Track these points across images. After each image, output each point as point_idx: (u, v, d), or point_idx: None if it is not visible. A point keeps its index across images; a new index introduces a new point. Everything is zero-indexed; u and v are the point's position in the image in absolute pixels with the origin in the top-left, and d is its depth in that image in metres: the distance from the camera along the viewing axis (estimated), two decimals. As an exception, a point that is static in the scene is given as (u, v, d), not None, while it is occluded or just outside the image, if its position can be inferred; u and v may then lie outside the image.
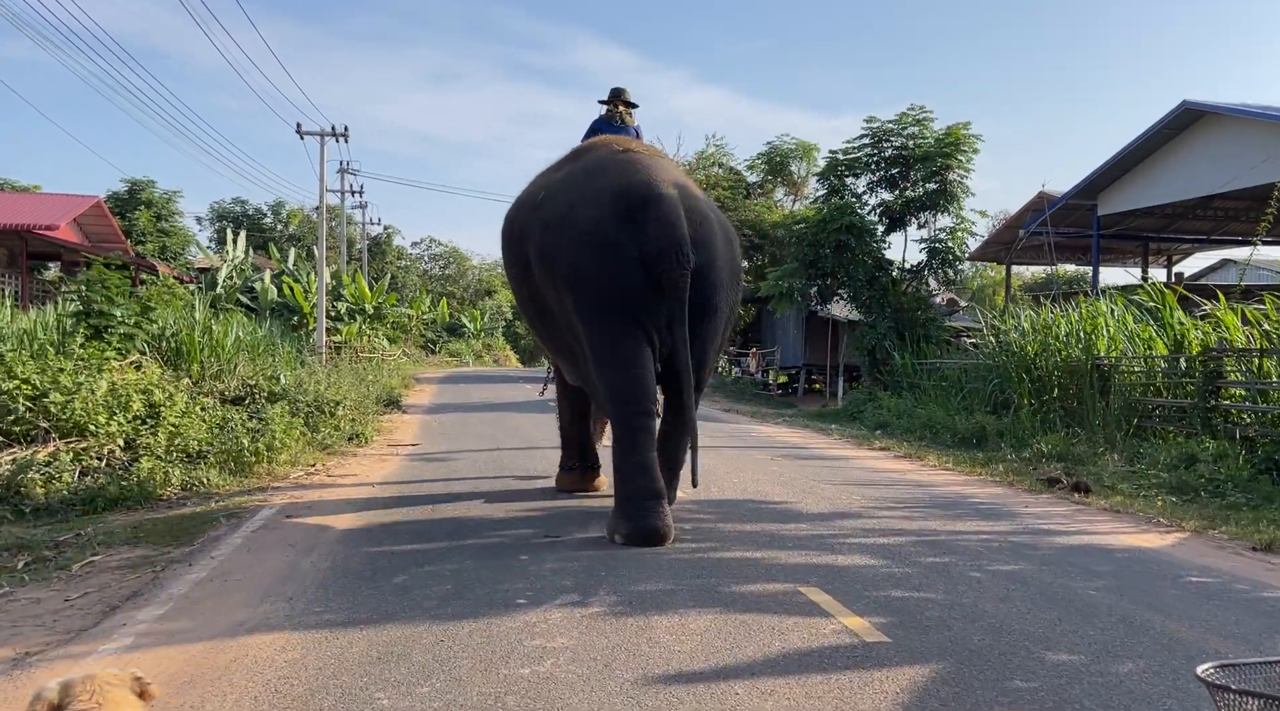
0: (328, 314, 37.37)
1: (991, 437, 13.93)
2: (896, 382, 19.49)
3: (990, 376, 15.70)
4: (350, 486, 9.56)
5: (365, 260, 51.74)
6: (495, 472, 10.52)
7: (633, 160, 7.47)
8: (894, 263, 21.31)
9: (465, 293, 65.00)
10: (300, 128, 34.22)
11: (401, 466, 11.11)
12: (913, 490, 9.64)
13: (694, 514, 7.94)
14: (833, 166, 21.33)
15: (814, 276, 21.12)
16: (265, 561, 6.30)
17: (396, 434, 14.56)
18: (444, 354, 50.23)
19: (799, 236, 21.38)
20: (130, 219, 41.50)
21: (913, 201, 20.82)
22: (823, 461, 11.80)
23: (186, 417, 10.88)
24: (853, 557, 6.38)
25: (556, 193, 7.54)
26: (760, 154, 33.13)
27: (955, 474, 10.99)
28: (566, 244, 7.09)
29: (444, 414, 18.43)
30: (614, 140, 8.11)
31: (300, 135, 34.42)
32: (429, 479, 10.08)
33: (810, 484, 9.75)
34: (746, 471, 10.60)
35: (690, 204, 7.17)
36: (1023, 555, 6.58)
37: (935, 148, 20.10)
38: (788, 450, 13.01)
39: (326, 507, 8.32)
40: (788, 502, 8.59)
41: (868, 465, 11.56)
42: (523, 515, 7.93)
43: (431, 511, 8.08)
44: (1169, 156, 21.71)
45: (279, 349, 22.74)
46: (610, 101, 8.89)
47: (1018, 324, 16.05)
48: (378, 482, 9.78)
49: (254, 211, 54.41)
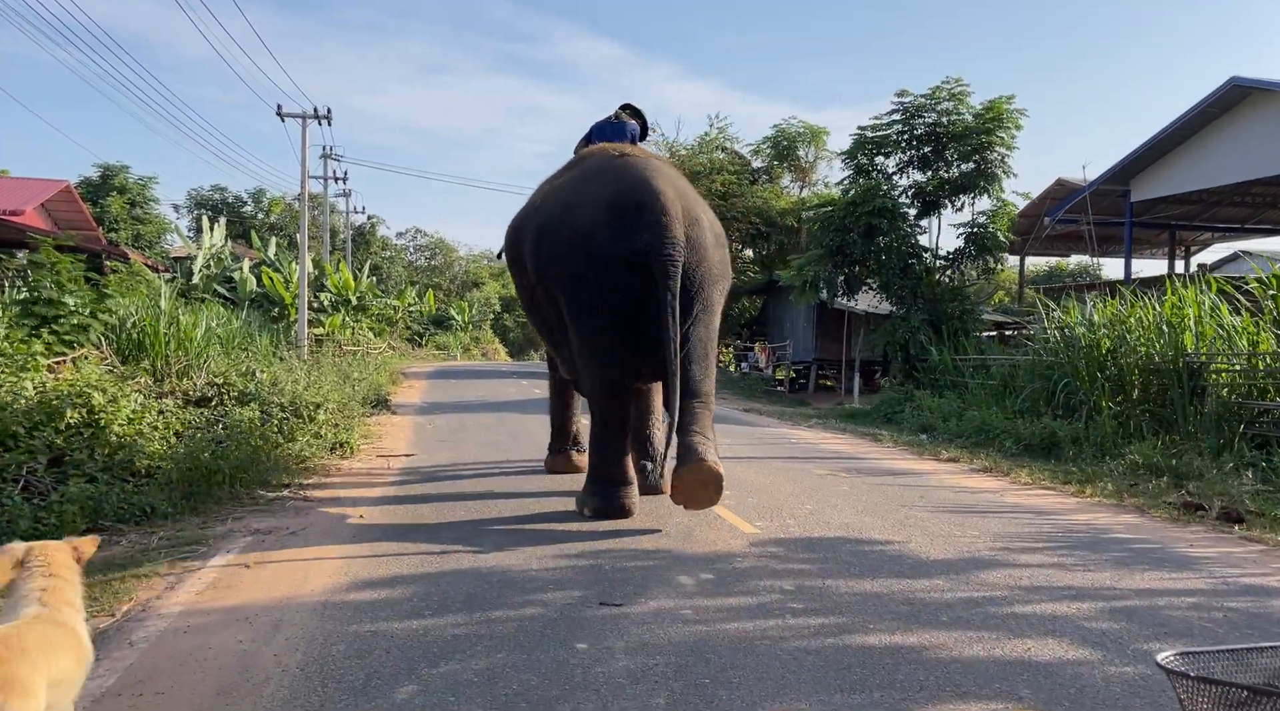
0: (310, 305, 35.23)
1: (1065, 445, 12.06)
2: (934, 381, 17.58)
3: (1054, 375, 13.79)
4: (333, 515, 7.54)
5: (349, 249, 49.47)
6: (510, 490, 8.54)
7: (628, 163, 7.51)
8: (929, 249, 19.34)
9: (452, 284, 62.70)
10: (281, 109, 32.07)
11: (395, 485, 9.10)
12: (1030, 520, 7.69)
13: (785, 561, 5.99)
14: (860, 144, 19.30)
15: (840, 264, 19.13)
16: (207, 653, 4.29)
17: (386, 441, 12.52)
18: (431, 347, 48.03)
19: (823, 220, 19.38)
20: (103, 205, 39.12)
21: (948, 183, 18.86)
22: (895, 478, 9.86)
23: (134, 425, 8.84)
24: (1048, 644, 4.44)
25: (554, 198, 7.73)
26: (766, 138, 31.12)
27: (1061, 495, 9.06)
28: (561, 247, 7.26)
29: (438, 414, 16.40)
30: (611, 145, 8.21)
31: (281, 117, 32.30)
32: (430, 500, 8.08)
33: (902, 512, 7.81)
34: (816, 494, 8.65)
35: (684, 205, 7.19)
36: (1273, 633, 4.66)
37: (975, 124, 18.14)
38: (846, 462, 11.06)
39: (301, 550, 6.30)
40: (894, 542, 6.63)
41: (950, 483, 9.63)
42: (563, 564, 5.93)
43: (440, 558, 6.07)
44: (1212, 138, 19.94)
45: (256, 342, 20.91)
46: (617, 113, 9.01)
47: (1083, 316, 14.14)
48: (367, 509, 7.77)
49: (234, 199, 51.86)
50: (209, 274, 35.31)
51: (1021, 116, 18.08)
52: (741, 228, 29.02)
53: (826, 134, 30.38)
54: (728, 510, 7.60)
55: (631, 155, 7.77)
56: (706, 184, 28.98)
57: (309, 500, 8.13)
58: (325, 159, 42.11)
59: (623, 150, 7.93)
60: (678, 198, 7.14)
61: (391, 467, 10.16)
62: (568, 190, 7.69)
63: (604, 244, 6.96)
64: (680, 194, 7.28)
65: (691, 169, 29.51)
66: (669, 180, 7.35)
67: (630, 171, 7.35)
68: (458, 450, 11.62)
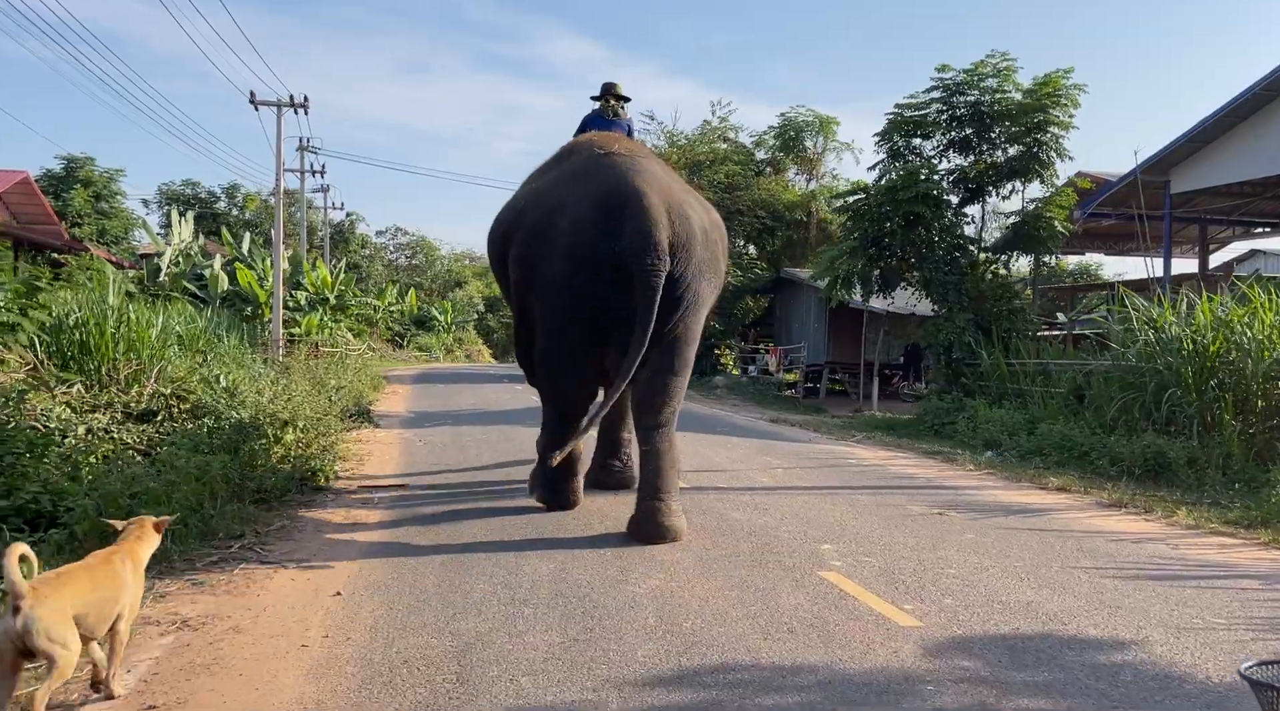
0: (286, 304, 32.80)
1: (1179, 468, 9.99)
2: (985, 388, 15.46)
3: (1148, 383, 11.68)
4: (298, 591, 5.26)
5: (327, 246, 46.91)
6: (538, 536, 6.30)
7: (614, 163, 7.15)
8: (975, 241, 17.18)
9: (434, 284, 60.13)
10: (254, 96, 29.47)
11: (386, 530, 6.84)
12: (1248, 591, 5.52)
13: (997, 688, 3.77)
14: (897, 125, 17.08)
15: (877, 258, 16.94)
16: None
17: (370, 463, 10.23)
18: (412, 348, 45.56)
19: (856, 210, 17.17)
20: (65, 199, 36.47)
21: (993, 168, 16.72)
22: (1018, 518, 7.68)
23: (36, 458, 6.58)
24: None
25: (539, 199, 7.41)
26: (771, 128, 28.93)
27: (1252, 546, 6.88)
28: (545, 250, 6.99)
29: (428, 427, 14.10)
30: (598, 140, 7.72)
31: (254, 104, 29.69)
32: (437, 553, 5.83)
33: (1080, 578, 5.63)
34: (942, 545, 6.47)
35: (671, 202, 6.93)
36: None
37: (1025, 102, 16.00)
38: (939, 494, 8.87)
39: (242, 669, 4.03)
40: (1126, 642, 4.44)
41: (1092, 525, 7.45)
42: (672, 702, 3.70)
43: (458, 685, 3.82)
44: (1265, 122, 18.00)
45: (224, 343, 18.58)
46: (602, 96, 8.69)
47: (1180, 315, 12.04)
48: (349, 577, 5.51)
49: (207, 194, 49.06)
50: (177, 271, 32.86)
51: (1081, 92, 15.98)
52: (747, 221, 26.86)
53: (837, 124, 28.25)
54: (859, 586, 5.38)
55: (616, 153, 7.29)
56: (710, 175, 26.86)
57: (266, 562, 5.84)
58: (302, 151, 39.58)
59: (607, 148, 7.41)
60: (662, 199, 6.83)
61: (377, 502, 7.89)
62: (551, 190, 7.36)
63: (586, 247, 6.72)
64: (665, 194, 6.95)
65: (693, 159, 27.38)
66: (653, 180, 6.99)
67: (614, 172, 6.99)
68: (461, 476, 9.36)
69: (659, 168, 7.54)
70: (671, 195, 7.04)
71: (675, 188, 7.34)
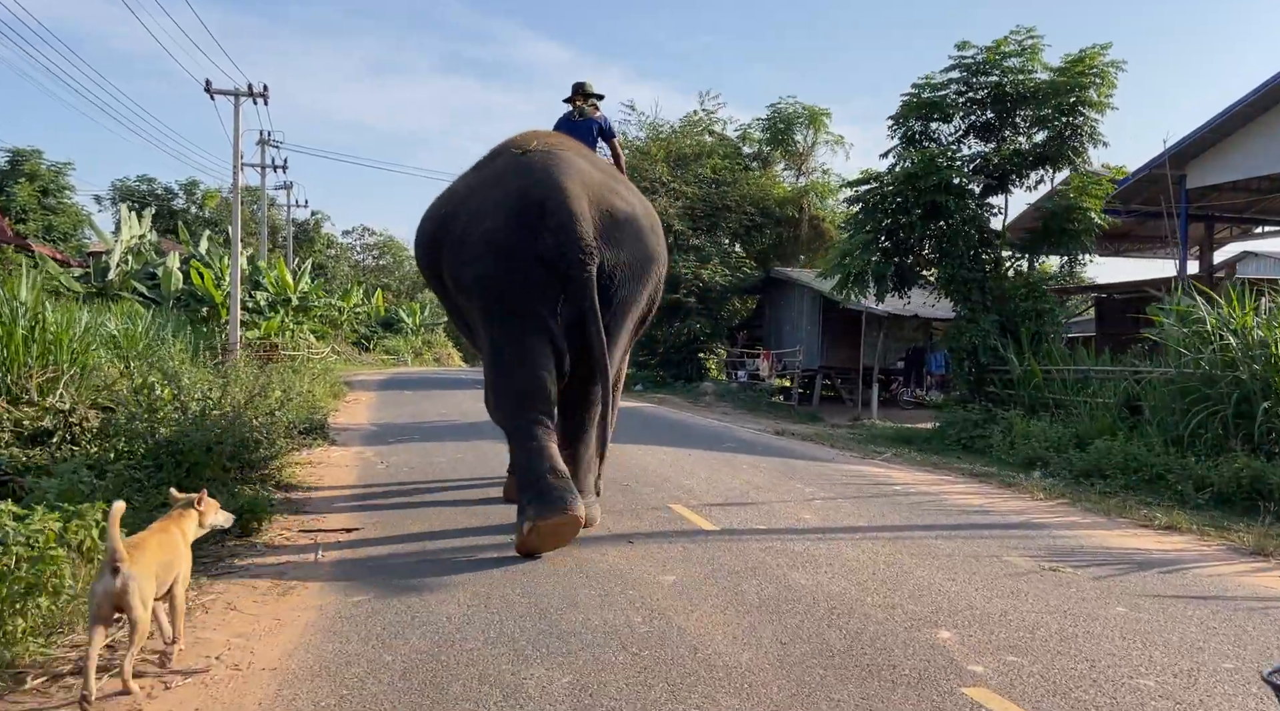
0: (244, 305, 30.59)
1: (1279, 494, 8.32)
2: (1015, 397, 13.73)
3: (1228, 394, 9.98)
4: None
5: (291, 246, 44.58)
6: (539, 613, 4.41)
7: (531, 161, 6.80)
8: (1000, 235, 15.40)
9: (402, 285, 57.83)
10: (210, 85, 27.19)
11: (323, 617, 4.88)
12: None
13: None
14: (913, 107, 15.27)
15: (892, 253, 15.15)
16: None
17: (318, 497, 8.26)
18: (379, 351, 43.28)
19: (867, 200, 15.36)
20: (9, 193, 33.98)
21: (1018, 155, 14.99)
22: (1155, 576, 5.85)
23: None
24: None
25: (459, 206, 7.13)
26: (759, 120, 27.09)
27: None
28: (470, 256, 6.71)
29: (392, 443, 12.13)
30: (518, 140, 7.30)
31: (210, 94, 27.45)
32: (393, 660, 3.93)
33: None
34: (1091, 628, 4.62)
35: (595, 193, 6.65)
36: None
37: (1059, 80, 14.28)
38: (1024, 537, 7.01)
39: None
40: None
41: (1251, 584, 5.67)
42: None
43: None
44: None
45: (169, 347, 16.58)
46: (572, 98, 8.43)
47: (1265, 315, 10.35)
48: (274, 693, 3.60)
49: (163, 191, 46.49)
50: (128, 269, 30.56)
51: (1119, 70, 14.26)
52: (735, 218, 25.05)
53: (828, 116, 26.44)
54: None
55: (534, 150, 6.96)
56: (695, 169, 25.03)
57: (163, 667, 3.90)
58: (262, 145, 37.25)
59: (525, 146, 7.06)
60: (584, 190, 6.57)
61: (322, 561, 5.94)
62: (472, 194, 7.08)
63: (510, 249, 6.42)
64: (589, 185, 6.67)
65: (678, 152, 25.53)
66: (574, 172, 6.68)
67: (534, 170, 6.70)
68: (430, 517, 7.41)
69: (583, 160, 7.13)
70: (596, 186, 6.75)
71: (601, 178, 6.99)
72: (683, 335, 25.24)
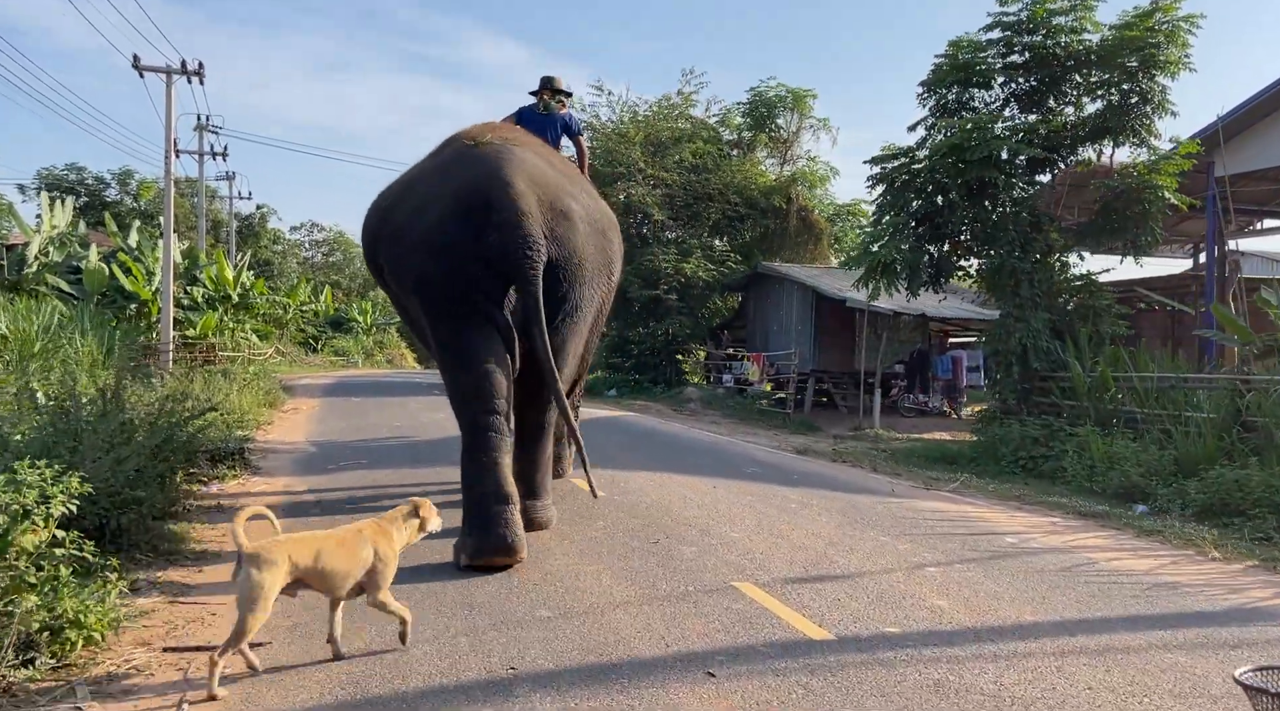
0: (179, 302, 27.55)
1: None
2: (1075, 409, 11.43)
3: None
4: None
5: (234, 240, 41.30)
6: None
7: (480, 156, 6.47)
8: (1053, 219, 13.06)
9: (353, 283, 54.54)
10: (138, 60, 24.03)
11: None
12: None
13: None
14: (947, 71, 12.91)
15: (926, 240, 12.77)
16: None
17: (209, 574, 5.61)
18: (328, 352, 40.18)
19: (895, 177, 12.93)
20: (-83, 180, 30.63)
21: (1070, 126, 12.69)
22: None
23: None
24: None
25: (402, 198, 6.82)
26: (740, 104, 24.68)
27: None
28: (410, 251, 6.40)
29: (332, 471, 9.48)
30: (471, 131, 6.96)
31: (139, 71, 24.29)
32: None
33: None
34: None
35: (545, 190, 6.35)
36: None
37: (1126, 34, 11.98)
38: (1240, 637, 4.69)
39: None
40: None
41: None
42: None
43: None
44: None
45: (75, 348, 13.97)
46: (539, 92, 8.27)
47: None
48: None
49: (94, 180, 42.87)
50: (46, 262, 27.40)
51: (1194, 27, 12.02)
52: (718, 208, 22.62)
53: (813, 97, 24.10)
54: None
55: (485, 142, 6.56)
56: (675, 153, 22.58)
57: None
58: (200, 130, 34.09)
59: (478, 138, 6.65)
60: (532, 187, 6.21)
61: (190, 703, 3.35)
62: (415, 185, 6.74)
63: (451, 247, 6.05)
64: (538, 182, 6.32)
65: (656, 136, 23.04)
66: (524, 167, 6.32)
67: (480, 162, 6.33)
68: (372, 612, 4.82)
69: (537, 156, 6.82)
70: (548, 184, 6.46)
71: (554, 177, 6.71)
72: (660, 335, 22.74)
